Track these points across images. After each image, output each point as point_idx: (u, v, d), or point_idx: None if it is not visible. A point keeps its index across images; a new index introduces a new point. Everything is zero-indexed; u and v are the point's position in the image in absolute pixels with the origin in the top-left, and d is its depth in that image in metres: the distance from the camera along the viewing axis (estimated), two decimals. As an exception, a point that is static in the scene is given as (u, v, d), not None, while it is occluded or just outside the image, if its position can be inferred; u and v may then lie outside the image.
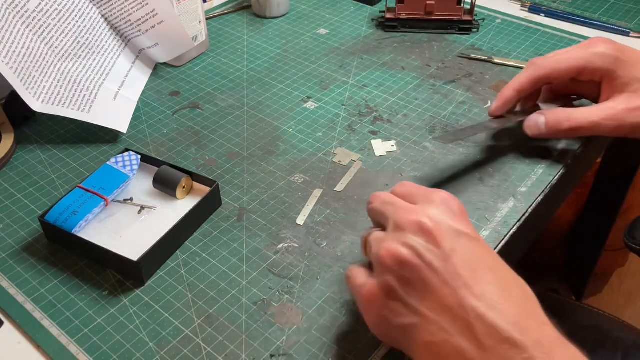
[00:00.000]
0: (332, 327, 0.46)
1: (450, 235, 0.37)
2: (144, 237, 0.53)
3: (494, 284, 0.35)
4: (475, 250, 0.37)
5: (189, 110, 0.71)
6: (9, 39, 0.60)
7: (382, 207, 0.41)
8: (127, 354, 0.45)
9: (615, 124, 0.55)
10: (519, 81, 0.59)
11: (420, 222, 0.37)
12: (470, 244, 0.37)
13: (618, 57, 0.56)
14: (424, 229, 0.37)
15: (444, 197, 0.39)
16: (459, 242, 0.37)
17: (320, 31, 0.87)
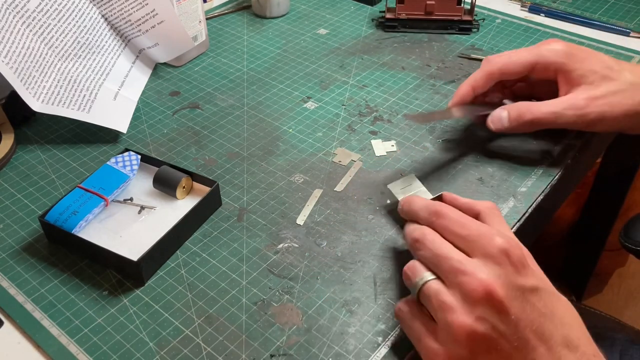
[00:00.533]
0: (332, 327, 0.46)
1: (517, 297, 0.36)
2: (144, 237, 0.53)
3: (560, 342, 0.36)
4: (541, 306, 0.37)
5: (189, 110, 0.71)
6: (9, 39, 0.60)
7: (435, 260, 0.39)
8: (127, 354, 0.45)
9: (578, 112, 0.54)
10: (473, 77, 0.59)
11: (490, 293, 0.35)
12: (538, 302, 0.36)
13: (569, 52, 0.56)
14: (495, 299, 0.35)
15: (503, 247, 0.37)
16: (527, 303, 0.36)
17: (320, 31, 0.87)
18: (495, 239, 0.37)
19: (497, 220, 0.42)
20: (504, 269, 0.36)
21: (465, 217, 0.40)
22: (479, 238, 0.37)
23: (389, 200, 0.57)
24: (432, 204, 0.43)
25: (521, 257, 0.37)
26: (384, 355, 0.44)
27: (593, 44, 0.82)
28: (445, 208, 0.41)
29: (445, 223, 0.40)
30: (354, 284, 0.50)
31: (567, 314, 0.37)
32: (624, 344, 0.67)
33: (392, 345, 0.45)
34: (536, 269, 0.38)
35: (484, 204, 0.43)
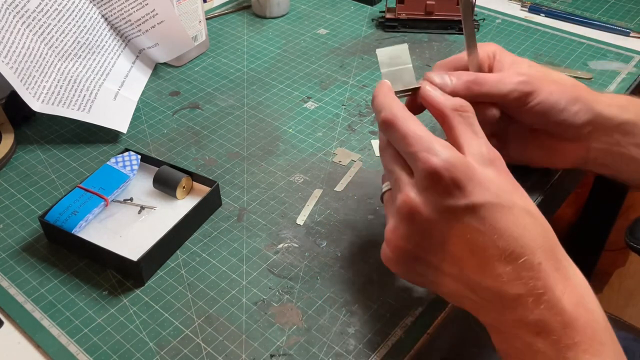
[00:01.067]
0: (332, 327, 0.46)
1: (445, 217, 0.37)
2: (144, 237, 0.53)
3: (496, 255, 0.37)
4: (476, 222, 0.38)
5: (189, 110, 0.71)
6: (9, 39, 0.60)
7: (385, 171, 0.42)
8: (127, 354, 0.45)
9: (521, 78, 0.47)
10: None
11: (414, 213, 0.38)
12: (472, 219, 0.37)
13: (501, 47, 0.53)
14: (417, 218, 0.38)
15: (436, 169, 0.37)
16: (457, 221, 0.38)
17: (320, 31, 0.87)
18: (430, 161, 0.37)
19: (464, 127, 0.40)
20: (433, 189, 0.37)
21: (412, 129, 0.38)
22: (418, 157, 0.37)
23: None
24: (386, 109, 0.40)
25: (455, 178, 0.36)
26: (384, 355, 0.44)
27: (593, 44, 0.82)
28: (395, 118, 0.39)
29: (393, 136, 0.40)
30: (354, 284, 0.50)
31: (515, 225, 0.36)
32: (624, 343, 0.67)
33: (392, 345, 0.45)
34: (478, 185, 0.36)
35: (451, 104, 0.40)
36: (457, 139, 0.39)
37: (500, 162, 0.39)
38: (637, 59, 0.78)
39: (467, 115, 0.40)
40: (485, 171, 0.37)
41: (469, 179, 0.36)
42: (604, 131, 0.49)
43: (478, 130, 0.40)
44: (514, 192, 0.38)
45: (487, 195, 0.36)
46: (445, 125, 0.41)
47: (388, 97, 0.42)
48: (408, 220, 0.38)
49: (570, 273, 0.37)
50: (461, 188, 0.36)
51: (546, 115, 0.47)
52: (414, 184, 0.38)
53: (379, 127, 0.41)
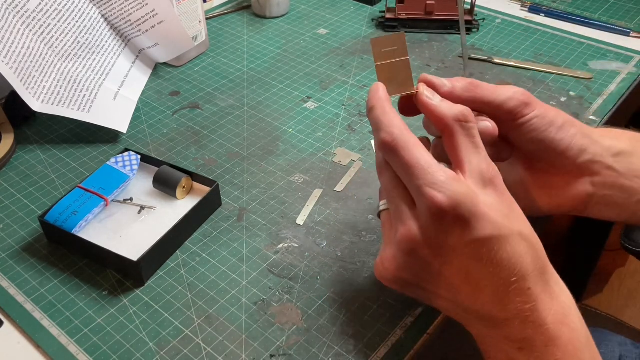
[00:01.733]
0: (332, 327, 0.46)
1: (444, 253, 0.37)
2: (144, 237, 0.53)
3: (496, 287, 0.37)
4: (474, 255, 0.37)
5: (189, 110, 0.71)
6: (9, 39, 0.60)
7: (386, 196, 0.41)
8: (127, 354, 0.45)
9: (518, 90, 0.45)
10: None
11: (416, 250, 0.38)
12: (472, 252, 0.37)
13: None
14: (418, 255, 0.38)
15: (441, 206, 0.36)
16: (456, 257, 0.37)
17: (320, 31, 0.87)
18: (436, 198, 0.35)
19: (465, 140, 0.38)
20: (436, 227, 0.36)
21: (414, 156, 0.37)
22: (423, 192, 0.36)
23: None
24: (386, 129, 0.38)
25: (459, 215, 0.35)
26: (384, 355, 0.44)
27: (593, 44, 0.82)
28: (396, 145, 0.37)
29: (394, 161, 0.38)
30: (354, 284, 0.50)
31: (512, 255, 0.36)
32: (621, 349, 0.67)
33: (392, 345, 0.45)
34: (481, 219, 0.36)
35: (454, 112, 0.38)
36: (458, 153, 0.38)
37: (499, 180, 0.38)
38: (637, 59, 0.78)
39: (470, 126, 0.38)
40: (485, 197, 0.37)
41: (473, 215, 0.36)
42: (603, 163, 0.46)
43: (479, 143, 0.38)
44: (511, 216, 0.37)
45: (489, 229, 0.36)
46: (445, 135, 0.39)
47: (387, 113, 0.39)
48: (408, 254, 0.38)
49: (556, 292, 0.37)
50: (464, 225, 0.36)
51: (543, 132, 0.45)
52: (416, 217, 0.37)
53: (377, 145, 0.39)
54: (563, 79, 0.75)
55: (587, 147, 0.46)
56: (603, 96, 0.71)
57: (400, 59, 0.42)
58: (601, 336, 0.68)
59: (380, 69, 0.42)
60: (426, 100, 0.40)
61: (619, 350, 0.66)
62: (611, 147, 0.46)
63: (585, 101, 0.71)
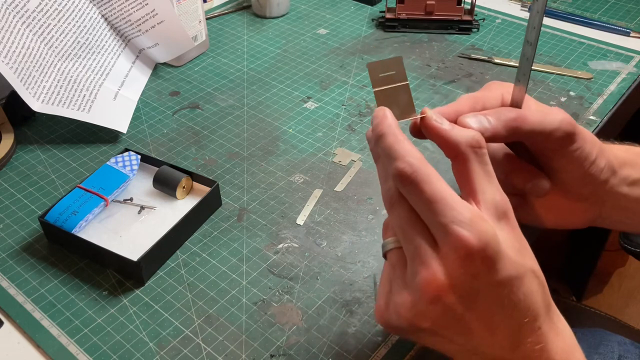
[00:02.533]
0: (332, 327, 0.46)
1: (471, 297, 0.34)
2: (144, 237, 0.53)
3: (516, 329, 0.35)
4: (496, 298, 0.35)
5: (189, 110, 0.71)
6: (9, 39, 0.60)
7: (400, 235, 0.37)
8: (127, 354, 0.45)
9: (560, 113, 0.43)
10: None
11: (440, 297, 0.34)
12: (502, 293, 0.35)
13: None
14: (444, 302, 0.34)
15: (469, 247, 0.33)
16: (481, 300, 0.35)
17: (320, 31, 0.87)
18: (464, 238, 0.32)
19: (478, 167, 0.36)
20: (463, 270, 0.33)
21: (436, 189, 0.34)
22: (449, 231, 0.33)
23: None
24: (402, 158, 0.35)
25: (486, 258, 0.33)
26: (384, 355, 0.44)
27: (593, 44, 0.82)
28: (416, 177, 0.34)
29: (413, 195, 0.35)
30: (354, 284, 0.50)
31: (527, 294, 0.35)
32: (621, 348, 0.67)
33: (392, 345, 0.45)
34: (502, 259, 0.34)
35: (465, 137, 0.36)
36: (472, 182, 0.36)
37: (510, 212, 0.36)
38: (637, 59, 0.78)
39: (482, 153, 0.36)
40: (501, 232, 0.35)
41: (497, 255, 0.33)
42: (618, 192, 0.45)
43: (491, 171, 0.36)
44: (523, 252, 0.36)
45: (510, 269, 0.34)
46: (457, 163, 0.36)
47: (401, 141, 0.35)
48: (432, 301, 0.34)
49: (560, 328, 0.37)
50: (489, 267, 0.34)
51: (578, 166, 0.42)
52: (440, 260, 0.34)
53: (391, 177, 0.35)
54: (563, 79, 0.75)
55: (609, 179, 0.44)
56: (603, 96, 0.71)
57: (399, 84, 0.40)
58: (601, 336, 0.68)
59: (379, 95, 0.39)
60: (436, 126, 0.37)
61: (619, 350, 0.66)
62: (628, 177, 0.45)
63: (585, 101, 0.71)
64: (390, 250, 0.37)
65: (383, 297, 0.37)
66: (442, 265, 0.33)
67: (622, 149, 0.47)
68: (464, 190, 0.36)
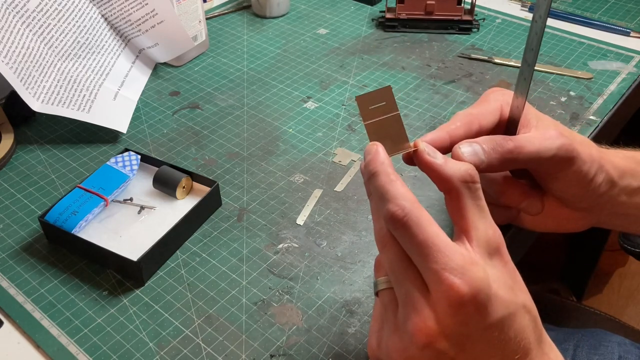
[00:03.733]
0: (332, 327, 0.46)
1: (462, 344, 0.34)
2: (144, 237, 0.53)
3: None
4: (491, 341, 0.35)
5: (189, 110, 0.71)
6: (9, 39, 0.60)
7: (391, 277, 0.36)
8: (127, 354, 0.45)
9: (561, 139, 0.42)
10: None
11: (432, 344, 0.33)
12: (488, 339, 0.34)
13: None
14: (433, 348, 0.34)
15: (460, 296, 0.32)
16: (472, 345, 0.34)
17: (320, 31, 0.87)
18: (455, 286, 0.32)
19: (470, 202, 0.35)
20: (455, 318, 0.33)
21: (428, 234, 0.33)
22: (441, 279, 0.32)
23: None
24: (394, 200, 0.34)
25: (478, 304, 0.33)
26: (384, 355, 0.44)
27: (593, 44, 0.82)
28: (409, 220, 0.34)
29: (404, 239, 0.34)
30: (354, 284, 0.50)
31: (519, 331, 0.35)
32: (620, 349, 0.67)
33: (392, 345, 0.45)
34: (494, 301, 0.34)
35: (458, 173, 0.35)
36: (465, 218, 0.35)
37: (503, 247, 0.36)
38: (637, 59, 0.78)
39: (475, 188, 0.35)
40: (493, 270, 0.35)
41: (488, 299, 0.33)
42: (617, 200, 0.45)
43: (484, 206, 0.36)
44: (515, 287, 0.35)
45: (501, 310, 0.34)
46: (450, 197, 0.36)
47: (393, 182, 0.35)
48: (423, 347, 0.33)
49: (552, 358, 0.36)
50: (481, 312, 0.33)
51: (576, 185, 0.43)
52: (431, 307, 0.33)
53: (383, 218, 0.35)
54: (563, 79, 0.75)
55: (608, 191, 0.44)
56: (603, 96, 0.71)
57: (390, 115, 0.38)
58: (600, 336, 0.68)
59: (370, 127, 0.38)
60: (429, 160, 0.36)
61: (619, 351, 0.66)
62: (627, 186, 0.45)
63: (586, 101, 0.71)
64: (382, 290, 0.37)
65: (375, 335, 0.37)
66: (433, 312, 0.33)
67: (622, 157, 0.46)
68: (457, 225, 0.36)
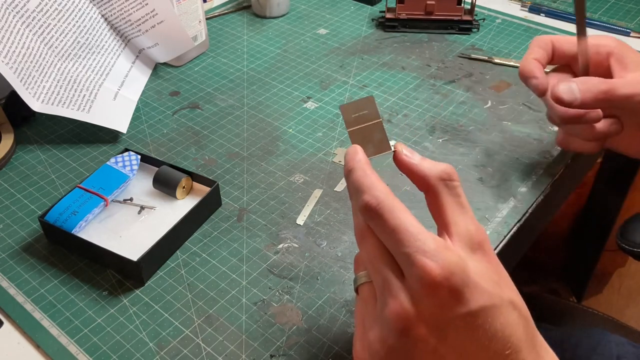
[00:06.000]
0: (332, 327, 0.46)
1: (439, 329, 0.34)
2: (144, 237, 0.53)
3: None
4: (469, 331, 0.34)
5: (189, 110, 0.71)
6: (9, 39, 0.60)
7: (368, 267, 0.36)
8: (127, 354, 0.45)
9: None
10: (529, 53, 0.53)
11: (408, 328, 0.33)
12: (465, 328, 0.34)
13: (622, 42, 0.52)
14: (411, 332, 0.33)
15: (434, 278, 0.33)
16: (450, 332, 0.34)
17: (320, 31, 0.87)
18: (428, 268, 0.32)
19: (450, 199, 0.36)
20: (430, 301, 0.33)
21: (402, 221, 0.34)
22: (413, 262, 0.33)
23: None
24: (368, 191, 0.35)
25: (453, 287, 0.33)
26: (384, 356, 0.44)
27: (593, 44, 0.82)
28: (381, 204, 0.34)
29: (380, 227, 0.35)
30: (354, 284, 0.50)
31: (505, 325, 0.34)
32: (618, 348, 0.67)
33: (392, 345, 0.45)
34: (473, 289, 0.34)
35: (436, 171, 0.36)
36: (444, 214, 0.36)
37: (487, 243, 0.36)
38: (637, 59, 0.78)
39: (454, 185, 0.36)
40: (475, 263, 0.35)
41: (465, 285, 0.33)
42: None
43: (465, 203, 0.36)
44: (501, 283, 0.35)
45: (481, 299, 0.34)
46: (429, 196, 0.37)
47: (368, 175, 0.36)
48: (400, 334, 0.34)
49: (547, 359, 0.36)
50: (458, 297, 0.33)
51: None
52: (407, 291, 0.33)
53: (359, 210, 0.35)
54: (563, 79, 0.75)
55: None
56: (603, 96, 0.71)
57: (372, 122, 0.41)
58: (599, 336, 0.68)
59: (353, 134, 0.40)
60: (405, 159, 0.37)
61: (617, 350, 0.66)
62: None
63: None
64: (362, 285, 0.37)
65: (358, 340, 0.36)
66: (409, 296, 0.33)
67: None
68: (438, 223, 0.36)
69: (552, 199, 0.61)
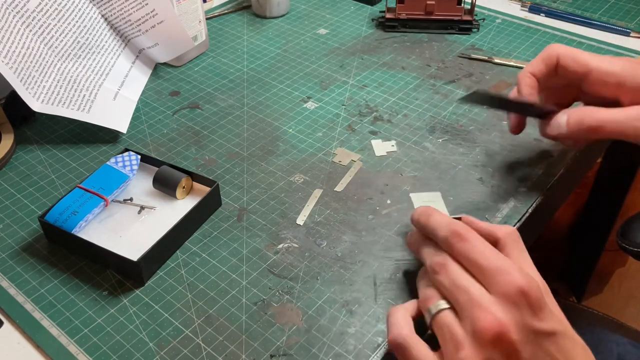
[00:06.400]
0: (332, 327, 0.46)
1: (530, 341, 0.35)
2: (144, 237, 0.53)
3: None
4: (555, 351, 0.36)
5: (189, 110, 0.71)
6: (9, 39, 0.60)
7: (453, 290, 0.38)
8: (127, 354, 0.45)
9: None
10: (530, 64, 0.54)
11: (503, 335, 0.34)
12: (552, 346, 0.35)
13: (632, 66, 0.50)
14: (506, 342, 0.34)
15: (522, 287, 0.35)
16: (540, 348, 0.35)
17: (320, 31, 0.87)
18: (514, 277, 0.35)
19: (517, 250, 0.40)
20: (521, 310, 0.35)
21: (486, 245, 0.38)
22: (499, 273, 0.36)
23: (389, 200, 0.57)
24: (454, 223, 0.40)
25: (540, 298, 0.35)
26: (384, 355, 0.44)
27: (593, 44, 0.82)
28: (468, 231, 0.39)
29: (466, 248, 0.38)
30: (354, 284, 0.50)
31: (583, 357, 0.36)
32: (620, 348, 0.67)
33: (392, 345, 0.45)
34: (554, 309, 0.37)
35: (504, 229, 0.41)
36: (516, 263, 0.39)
37: (549, 294, 0.39)
38: (637, 59, 0.78)
39: (519, 240, 0.41)
40: (548, 299, 0.37)
41: (545, 304, 0.36)
42: None
43: (528, 258, 0.41)
44: (570, 326, 0.37)
45: (560, 324, 0.36)
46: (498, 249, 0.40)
47: (443, 216, 0.43)
48: (493, 344, 0.35)
49: None
50: (543, 311, 0.35)
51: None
52: (496, 301, 0.36)
53: (442, 241, 0.41)
54: (563, 79, 0.75)
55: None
56: (603, 96, 0.71)
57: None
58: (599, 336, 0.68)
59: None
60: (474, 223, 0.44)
61: (617, 350, 0.66)
62: None
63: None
64: (439, 313, 0.38)
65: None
66: (497, 304, 0.35)
67: None
68: None
69: (552, 199, 0.61)
